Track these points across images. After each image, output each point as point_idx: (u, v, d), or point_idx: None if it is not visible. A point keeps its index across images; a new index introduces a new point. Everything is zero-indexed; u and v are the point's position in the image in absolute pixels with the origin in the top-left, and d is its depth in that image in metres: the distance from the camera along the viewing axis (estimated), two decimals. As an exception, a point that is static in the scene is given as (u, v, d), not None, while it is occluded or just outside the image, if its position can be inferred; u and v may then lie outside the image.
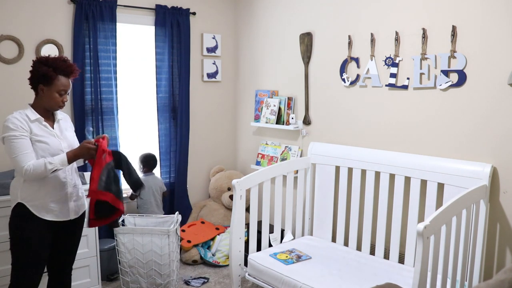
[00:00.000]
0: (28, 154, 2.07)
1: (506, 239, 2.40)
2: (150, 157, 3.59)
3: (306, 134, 3.51)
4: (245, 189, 2.83)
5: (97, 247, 3.02)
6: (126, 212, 3.52)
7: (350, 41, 3.10)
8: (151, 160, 3.58)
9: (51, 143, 2.16)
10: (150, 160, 3.58)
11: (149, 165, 3.57)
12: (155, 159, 3.61)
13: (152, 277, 3.01)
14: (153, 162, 3.60)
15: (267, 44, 3.85)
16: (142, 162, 3.56)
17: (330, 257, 2.82)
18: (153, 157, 3.61)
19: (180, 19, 3.76)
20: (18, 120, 2.09)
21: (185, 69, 3.84)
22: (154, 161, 3.61)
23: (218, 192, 3.99)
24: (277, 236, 3.14)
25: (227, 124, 4.31)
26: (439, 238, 2.00)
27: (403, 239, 2.76)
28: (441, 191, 2.53)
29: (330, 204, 3.16)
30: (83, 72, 3.33)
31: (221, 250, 3.63)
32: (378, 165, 2.83)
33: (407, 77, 2.77)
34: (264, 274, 2.70)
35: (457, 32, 2.49)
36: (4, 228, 2.65)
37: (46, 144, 2.14)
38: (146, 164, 3.56)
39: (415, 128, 2.76)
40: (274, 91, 3.77)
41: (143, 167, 3.56)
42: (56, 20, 3.24)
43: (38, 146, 2.12)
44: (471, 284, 2.39)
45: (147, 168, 3.57)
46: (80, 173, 2.97)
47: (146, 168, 3.57)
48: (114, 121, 3.51)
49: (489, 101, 2.40)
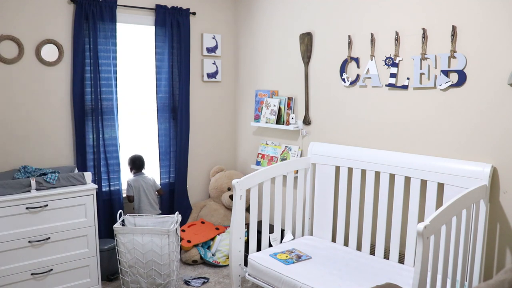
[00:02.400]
0: None
1: (506, 239, 2.40)
2: (136, 158, 3.62)
3: (306, 134, 3.51)
4: (245, 189, 2.83)
5: (97, 247, 3.02)
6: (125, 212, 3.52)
7: (350, 41, 3.10)
8: (136, 161, 3.61)
9: None
10: (136, 160, 3.61)
11: (136, 166, 3.61)
12: (141, 160, 3.63)
13: (152, 277, 3.01)
14: (139, 162, 3.62)
15: (267, 44, 3.85)
16: (129, 164, 3.62)
17: (330, 257, 2.82)
18: (139, 157, 3.63)
19: (180, 19, 3.76)
20: None
21: (185, 69, 3.84)
22: (140, 162, 3.63)
23: (218, 192, 3.99)
24: (277, 236, 3.14)
25: (227, 124, 4.31)
26: (439, 238, 2.00)
27: (403, 239, 2.76)
28: (441, 191, 2.53)
29: (330, 204, 3.16)
30: (83, 72, 3.33)
31: (221, 250, 3.63)
32: (378, 165, 2.83)
33: (407, 77, 2.77)
34: (264, 274, 2.70)
35: (457, 32, 2.49)
36: (4, 228, 2.67)
37: None
38: (132, 165, 3.61)
39: (415, 128, 2.76)
40: (274, 91, 3.77)
41: (131, 169, 3.61)
42: (56, 20, 3.24)
43: None
44: (471, 284, 2.39)
45: (135, 169, 3.61)
46: (80, 173, 2.97)
47: (134, 169, 3.61)
48: (114, 121, 3.51)
49: (489, 101, 2.40)
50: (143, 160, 3.64)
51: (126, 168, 3.66)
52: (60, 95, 3.30)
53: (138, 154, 3.65)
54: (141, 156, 3.64)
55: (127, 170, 3.67)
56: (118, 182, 3.58)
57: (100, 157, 3.44)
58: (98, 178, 3.44)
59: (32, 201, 2.74)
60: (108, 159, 3.50)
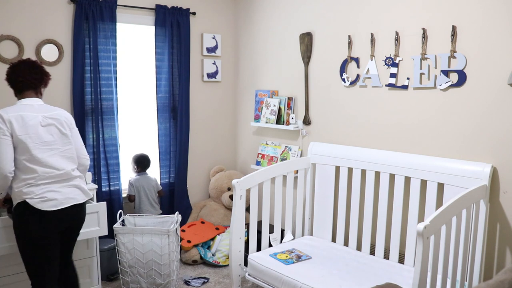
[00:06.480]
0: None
1: (506, 239, 2.40)
2: (143, 157, 3.62)
3: (306, 134, 3.51)
4: (245, 189, 2.83)
5: (97, 247, 3.02)
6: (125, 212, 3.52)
7: (350, 41, 3.10)
8: (144, 161, 3.62)
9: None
10: (144, 160, 3.62)
11: (142, 165, 3.61)
12: (148, 160, 3.64)
13: (152, 277, 3.01)
14: (146, 162, 3.63)
15: (267, 44, 3.85)
16: (136, 162, 3.61)
17: (330, 257, 2.82)
18: (147, 157, 3.64)
19: (180, 19, 3.76)
20: None
21: (185, 69, 3.84)
22: (148, 162, 3.64)
23: (218, 192, 3.99)
24: (277, 236, 3.14)
25: (227, 124, 4.31)
26: (439, 238, 2.00)
27: (403, 239, 2.76)
28: (441, 191, 2.53)
29: (330, 204, 3.16)
30: (83, 72, 3.33)
31: (221, 250, 3.63)
32: (378, 165, 2.82)
33: (407, 77, 2.76)
34: (264, 274, 2.70)
35: (457, 32, 2.49)
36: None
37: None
38: (139, 164, 3.60)
39: (415, 128, 2.76)
40: (274, 91, 3.77)
41: (137, 167, 3.60)
42: (56, 20, 3.24)
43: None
44: (471, 284, 2.39)
45: (140, 168, 3.61)
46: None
47: (139, 168, 3.61)
48: (114, 121, 3.51)
49: (489, 101, 2.40)
50: (149, 160, 3.65)
51: (126, 168, 3.66)
52: (60, 95, 3.30)
53: (145, 154, 3.65)
54: (148, 156, 3.65)
55: (128, 169, 3.67)
56: (118, 182, 3.58)
57: (100, 157, 3.44)
58: (98, 178, 3.43)
59: (32, 201, 2.73)
60: (108, 159, 3.50)
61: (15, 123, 2.17)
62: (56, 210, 2.21)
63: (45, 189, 2.20)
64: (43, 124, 2.25)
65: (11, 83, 2.33)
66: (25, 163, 2.19)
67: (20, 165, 2.19)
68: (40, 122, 2.25)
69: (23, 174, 2.19)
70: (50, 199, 2.20)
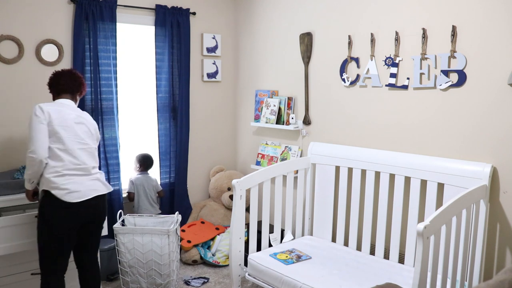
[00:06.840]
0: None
1: (506, 239, 2.40)
2: (147, 157, 3.64)
3: (306, 134, 3.51)
4: (245, 189, 2.83)
5: (97, 247, 3.02)
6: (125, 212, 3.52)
7: (350, 41, 3.10)
8: (148, 161, 3.63)
9: None
10: (147, 160, 3.63)
11: (145, 165, 3.62)
12: (151, 160, 3.65)
13: (152, 277, 3.01)
14: (149, 162, 3.64)
15: (267, 44, 3.85)
16: (139, 161, 3.61)
17: (330, 257, 2.82)
18: (150, 158, 3.65)
19: (180, 19, 3.76)
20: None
21: (185, 69, 3.84)
22: (151, 162, 3.65)
23: (218, 192, 3.99)
24: (277, 236, 3.14)
25: (227, 124, 4.31)
26: (439, 238, 2.00)
27: (403, 239, 2.76)
28: (441, 191, 2.53)
29: (330, 204, 3.16)
30: (83, 72, 3.32)
31: (221, 250, 3.63)
32: (378, 165, 2.83)
33: (407, 77, 2.77)
34: (264, 274, 2.70)
35: (457, 32, 2.49)
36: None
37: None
38: (142, 163, 3.61)
39: (415, 128, 2.76)
40: (274, 91, 3.77)
41: (139, 166, 3.61)
42: (56, 20, 3.24)
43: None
44: (471, 284, 2.39)
45: (142, 168, 3.62)
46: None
47: (142, 168, 3.61)
48: (114, 121, 3.51)
49: (489, 101, 2.40)
50: (152, 161, 3.67)
51: (126, 168, 3.66)
52: (60, 95, 3.30)
53: (149, 154, 3.67)
54: (151, 157, 3.67)
55: (128, 169, 3.67)
56: (118, 182, 3.58)
57: (100, 157, 3.44)
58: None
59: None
60: (108, 159, 3.50)
61: (53, 114, 2.34)
62: (81, 202, 2.33)
63: (70, 180, 2.32)
64: (76, 121, 2.44)
65: (51, 87, 2.53)
66: (57, 151, 2.32)
67: (52, 152, 2.31)
68: (74, 119, 2.43)
69: (53, 161, 2.31)
70: (74, 190, 2.32)
